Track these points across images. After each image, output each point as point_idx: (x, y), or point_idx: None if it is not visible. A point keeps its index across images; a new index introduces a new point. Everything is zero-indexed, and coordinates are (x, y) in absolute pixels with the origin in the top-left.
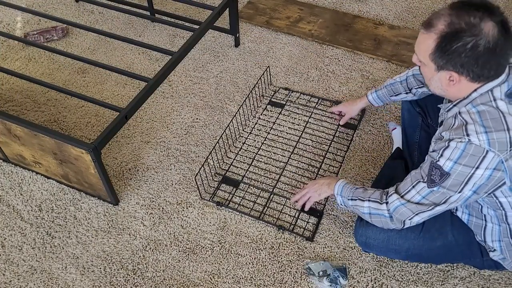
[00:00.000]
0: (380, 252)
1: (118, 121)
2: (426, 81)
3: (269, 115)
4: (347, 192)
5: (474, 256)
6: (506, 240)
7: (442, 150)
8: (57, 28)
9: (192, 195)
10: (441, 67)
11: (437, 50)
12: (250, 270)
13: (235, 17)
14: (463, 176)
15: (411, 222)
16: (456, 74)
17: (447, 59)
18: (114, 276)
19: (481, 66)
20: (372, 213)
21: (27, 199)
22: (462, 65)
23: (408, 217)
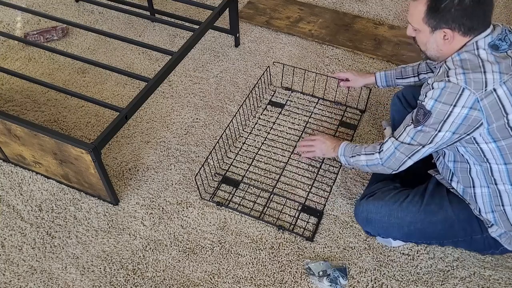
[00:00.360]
0: (382, 228)
1: (118, 121)
2: (422, 47)
3: (269, 115)
4: (348, 151)
5: (475, 232)
6: (498, 209)
7: (426, 92)
8: (57, 28)
9: (192, 195)
10: (435, 27)
11: (429, 11)
12: (250, 270)
13: (235, 17)
14: (443, 114)
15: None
16: (450, 30)
17: (439, 17)
18: (114, 276)
19: (470, 18)
20: (369, 164)
21: (27, 199)
22: (453, 19)
23: (402, 161)
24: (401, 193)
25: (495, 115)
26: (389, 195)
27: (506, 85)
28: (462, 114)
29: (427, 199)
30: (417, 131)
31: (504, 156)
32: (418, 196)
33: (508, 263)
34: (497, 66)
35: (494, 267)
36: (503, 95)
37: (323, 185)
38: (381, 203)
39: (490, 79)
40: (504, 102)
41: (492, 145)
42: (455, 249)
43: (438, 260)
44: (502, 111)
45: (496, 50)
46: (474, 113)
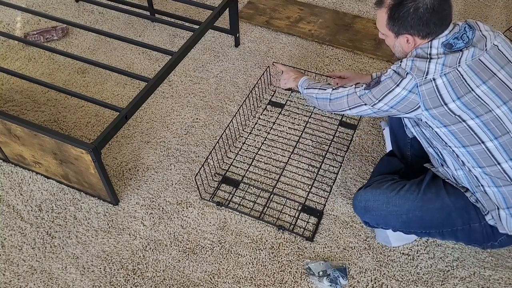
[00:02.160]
0: (380, 217)
1: (118, 121)
2: (391, 49)
3: (269, 115)
4: (306, 83)
5: (473, 220)
6: (478, 190)
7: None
8: (57, 28)
9: (192, 195)
10: (397, 33)
11: (389, 20)
12: (250, 270)
13: (235, 17)
14: (386, 88)
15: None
16: (410, 35)
17: (399, 25)
18: (114, 276)
19: (426, 24)
20: (318, 97)
21: (27, 199)
22: (411, 26)
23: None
24: (398, 183)
25: (432, 102)
26: (387, 184)
27: (447, 77)
28: (401, 94)
29: (424, 189)
30: (365, 92)
31: (460, 140)
32: (415, 185)
33: (508, 263)
34: (443, 59)
35: (494, 267)
36: (442, 85)
37: (323, 185)
38: (379, 191)
39: (432, 68)
40: (442, 92)
41: (443, 129)
42: (455, 249)
43: (438, 260)
44: (440, 100)
45: (450, 49)
46: (412, 96)
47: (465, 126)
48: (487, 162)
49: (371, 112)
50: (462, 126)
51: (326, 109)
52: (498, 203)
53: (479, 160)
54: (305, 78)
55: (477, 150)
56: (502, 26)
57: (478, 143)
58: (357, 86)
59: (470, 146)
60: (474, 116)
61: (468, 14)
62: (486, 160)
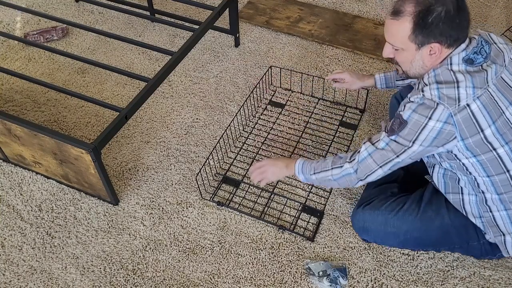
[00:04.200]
0: (378, 237)
1: (118, 121)
2: (405, 66)
3: (269, 115)
4: (308, 168)
5: (471, 239)
6: (486, 215)
7: (404, 104)
8: (57, 28)
9: (192, 195)
10: (421, 44)
11: (416, 29)
12: (250, 270)
13: (235, 17)
14: (418, 125)
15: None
16: (437, 44)
17: (428, 33)
18: (114, 276)
19: (456, 28)
20: (337, 178)
21: (27, 199)
22: (441, 33)
23: (371, 170)
24: (397, 202)
25: (469, 130)
26: (386, 203)
27: (480, 99)
28: (436, 127)
29: (424, 207)
30: (391, 139)
31: (486, 169)
32: (414, 203)
33: (508, 263)
34: (471, 80)
35: (494, 267)
36: (477, 110)
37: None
38: (377, 212)
39: (463, 94)
40: (478, 117)
41: (472, 159)
42: None
43: (438, 260)
44: (477, 126)
45: (471, 64)
46: (448, 127)
47: (494, 155)
48: (507, 189)
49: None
50: (492, 155)
51: (354, 185)
52: (506, 228)
53: (499, 187)
54: (301, 162)
55: (501, 179)
56: (502, 26)
57: (503, 172)
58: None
59: (495, 176)
60: (504, 143)
61: None
62: (507, 187)
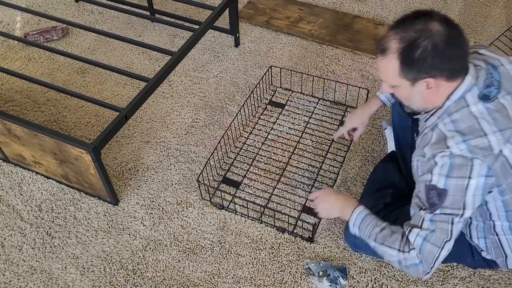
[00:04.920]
0: (369, 252)
1: (118, 121)
2: (405, 102)
3: (269, 115)
4: (368, 229)
5: (465, 256)
6: (491, 237)
7: (431, 169)
8: (57, 28)
9: (192, 195)
10: (414, 79)
11: (403, 66)
12: (250, 270)
13: (235, 17)
14: (460, 189)
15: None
16: (432, 79)
17: (417, 68)
18: (114, 276)
19: (448, 61)
20: (401, 262)
21: (27, 199)
22: (432, 67)
23: (437, 254)
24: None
25: (505, 175)
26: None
27: (510, 142)
28: (480, 184)
29: None
30: (435, 214)
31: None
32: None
33: None
34: (494, 124)
35: None
36: (509, 154)
37: (323, 185)
38: None
39: (493, 141)
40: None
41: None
42: None
43: None
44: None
45: (488, 100)
46: (490, 180)
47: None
48: None
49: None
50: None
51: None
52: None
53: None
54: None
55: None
56: (502, 26)
57: None
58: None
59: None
60: None
61: (468, 14)
62: None
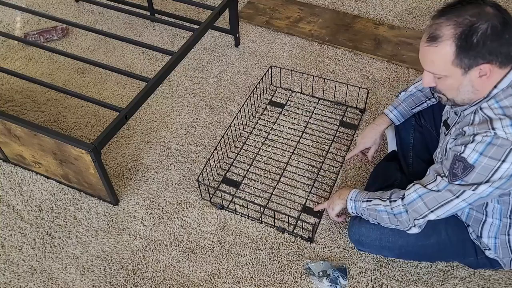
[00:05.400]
0: (374, 250)
1: (118, 121)
2: (451, 94)
3: (269, 115)
4: (361, 195)
5: (468, 255)
6: (502, 237)
7: (466, 143)
8: (57, 28)
9: (192, 195)
10: (469, 67)
11: (460, 52)
12: (250, 270)
13: (235, 17)
14: (488, 169)
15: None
16: (487, 64)
17: (475, 54)
18: (114, 276)
19: (506, 44)
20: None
21: (27, 199)
22: (490, 51)
23: (421, 215)
24: None
25: None
26: None
27: None
28: (510, 170)
29: None
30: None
31: None
32: None
33: None
34: None
35: None
36: None
37: (323, 185)
38: (372, 227)
39: None
40: None
41: None
42: None
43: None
44: None
45: None
46: None
47: None
48: None
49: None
50: None
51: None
52: None
53: None
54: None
55: None
56: None
57: None
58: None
59: None
60: None
61: None
62: None
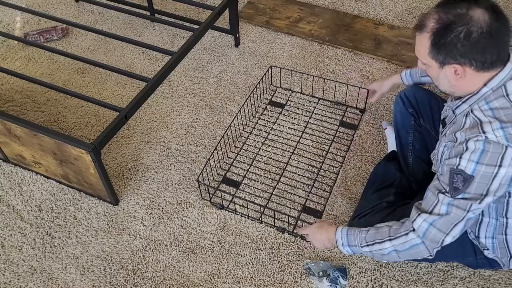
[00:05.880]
0: None
1: (118, 121)
2: (434, 81)
3: (269, 115)
4: (356, 239)
5: (467, 255)
6: (499, 237)
7: (460, 154)
8: (57, 28)
9: (192, 195)
10: (442, 63)
11: (433, 47)
12: (250, 270)
13: (235, 17)
14: (488, 177)
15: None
16: (459, 66)
17: (445, 53)
18: (114, 276)
19: (481, 52)
20: (399, 249)
21: (27, 199)
22: (462, 55)
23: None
24: (391, 216)
25: None
26: (380, 218)
27: None
28: (509, 174)
29: None
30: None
31: None
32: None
33: None
34: None
35: None
36: None
37: (323, 185)
38: None
39: None
40: None
41: None
42: None
43: None
44: None
45: None
46: None
47: None
48: None
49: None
50: None
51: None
52: None
53: None
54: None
55: None
56: None
57: None
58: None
59: None
60: None
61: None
62: None
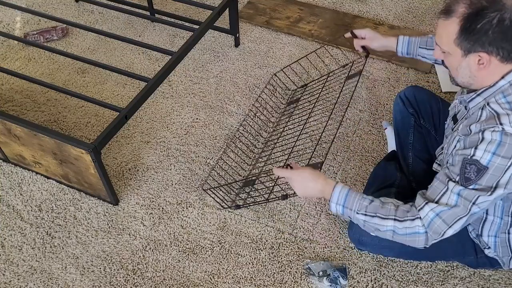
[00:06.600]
0: (374, 250)
1: (118, 121)
2: (452, 72)
3: (269, 115)
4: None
5: (468, 254)
6: (502, 236)
7: (476, 144)
8: (57, 28)
9: (192, 195)
10: (468, 51)
11: (462, 33)
12: (250, 270)
13: (235, 17)
14: (501, 169)
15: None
16: (486, 54)
17: (474, 39)
18: (114, 276)
19: (510, 41)
20: (398, 232)
21: (27, 199)
22: (490, 43)
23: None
24: None
25: None
26: None
27: None
28: None
29: None
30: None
31: None
32: None
33: None
34: None
35: None
36: None
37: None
38: None
39: None
40: None
41: None
42: None
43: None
44: None
45: None
46: None
47: None
48: None
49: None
50: None
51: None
52: None
53: None
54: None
55: None
56: None
57: None
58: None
59: None
60: None
61: None
62: None
